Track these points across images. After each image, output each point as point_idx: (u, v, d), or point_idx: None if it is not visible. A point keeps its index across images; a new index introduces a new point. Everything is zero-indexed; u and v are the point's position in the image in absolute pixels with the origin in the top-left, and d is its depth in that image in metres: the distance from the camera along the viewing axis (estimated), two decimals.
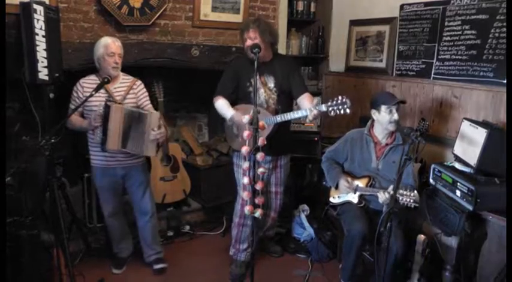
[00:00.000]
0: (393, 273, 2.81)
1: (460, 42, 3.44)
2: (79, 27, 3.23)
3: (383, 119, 2.93)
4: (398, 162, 2.82)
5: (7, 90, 3.01)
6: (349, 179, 3.07)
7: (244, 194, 2.30)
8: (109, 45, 2.88)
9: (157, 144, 2.99)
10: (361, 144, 3.10)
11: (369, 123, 3.11)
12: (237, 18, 3.93)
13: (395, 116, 2.89)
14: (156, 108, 3.34)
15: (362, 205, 3.05)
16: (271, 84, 3.12)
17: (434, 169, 3.05)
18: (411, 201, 2.61)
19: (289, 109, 3.11)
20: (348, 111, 2.60)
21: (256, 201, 2.24)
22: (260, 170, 2.28)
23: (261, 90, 3.10)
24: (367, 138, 3.08)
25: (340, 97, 2.61)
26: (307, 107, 2.80)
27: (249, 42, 2.98)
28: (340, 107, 2.61)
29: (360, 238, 2.81)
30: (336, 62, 4.81)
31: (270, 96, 3.12)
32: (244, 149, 2.23)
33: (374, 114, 3.00)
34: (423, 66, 3.79)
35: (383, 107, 2.91)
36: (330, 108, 2.63)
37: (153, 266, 3.33)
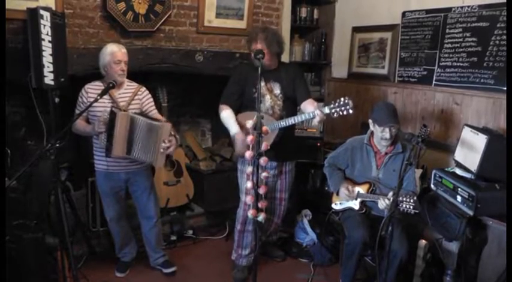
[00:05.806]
0: (396, 278, 2.82)
1: (461, 50, 3.47)
2: (84, 33, 3.26)
3: (376, 132, 2.95)
4: (398, 171, 2.85)
5: (13, 96, 3.07)
6: (350, 187, 3.07)
7: (248, 198, 2.32)
8: (115, 53, 2.91)
9: (167, 155, 2.98)
10: (362, 153, 3.10)
11: (368, 132, 3.10)
12: (241, 24, 3.96)
13: (387, 136, 2.88)
14: (160, 113, 3.36)
15: (363, 211, 3.05)
16: (277, 91, 3.14)
17: (435, 174, 3.07)
18: (411, 207, 2.61)
19: (294, 115, 3.10)
20: (350, 111, 2.62)
21: (259, 205, 2.26)
22: (263, 174, 2.30)
23: (267, 97, 3.12)
24: (367, 148, 3.08)
25: (342, 98, 2.63)
26: (310, 111, 2.82)
27: None
28: (342, 108, 2.63)
29: (360, 245, 2.82)
30: (339, 68, 4.84)
31: (276, 102, 3.14)
32: (248, 154, 2.26)
33: (371, 124, 3.00)
34: (425, 72, 3.81)
35: (377, 125, 2.93)
36: (333, 110, 2.65)
37: (162, 269, 3.36)
